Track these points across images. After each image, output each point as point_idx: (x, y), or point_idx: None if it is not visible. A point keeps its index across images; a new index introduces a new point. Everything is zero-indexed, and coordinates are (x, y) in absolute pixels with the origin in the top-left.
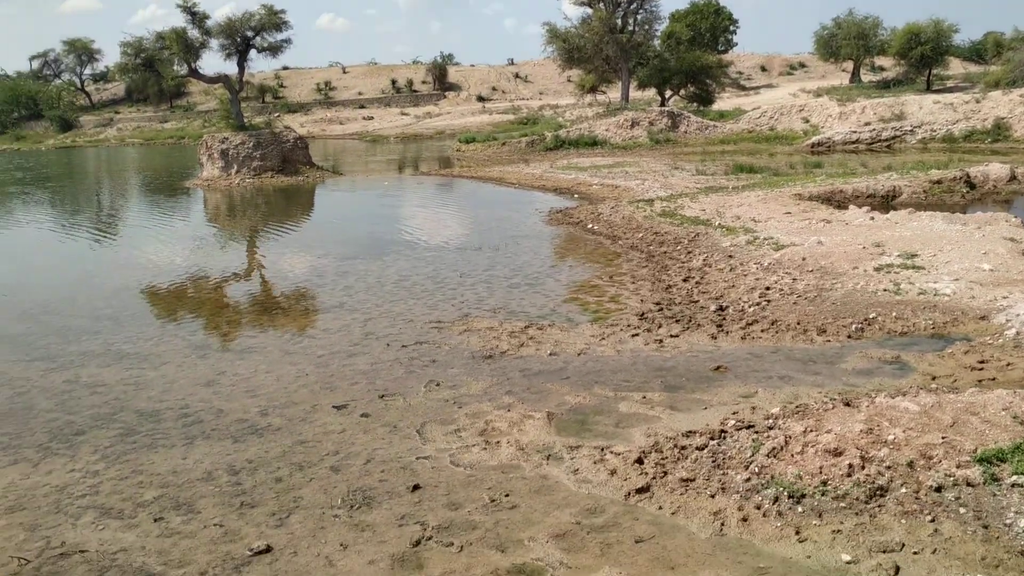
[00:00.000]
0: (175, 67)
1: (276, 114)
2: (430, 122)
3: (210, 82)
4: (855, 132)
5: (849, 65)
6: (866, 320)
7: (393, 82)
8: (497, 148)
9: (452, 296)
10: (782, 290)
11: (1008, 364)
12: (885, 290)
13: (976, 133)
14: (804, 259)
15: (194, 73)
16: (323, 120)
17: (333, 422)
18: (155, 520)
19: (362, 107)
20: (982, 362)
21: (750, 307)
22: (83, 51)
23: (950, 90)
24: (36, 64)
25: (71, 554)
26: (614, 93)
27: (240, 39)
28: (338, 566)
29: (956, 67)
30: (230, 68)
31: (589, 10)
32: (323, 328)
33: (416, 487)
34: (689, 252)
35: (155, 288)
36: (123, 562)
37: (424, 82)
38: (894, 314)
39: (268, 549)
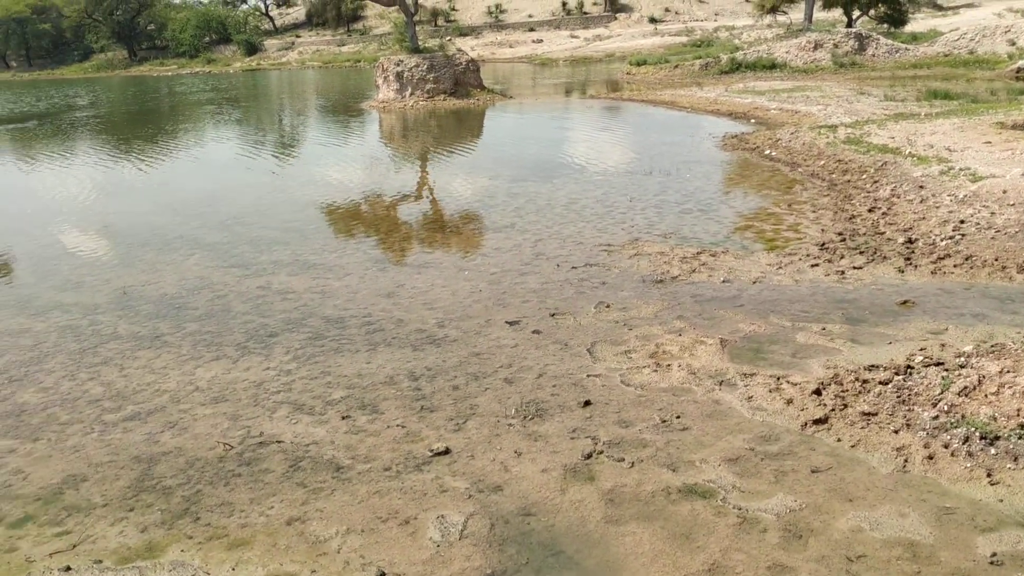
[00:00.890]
0: None
1: (448, 37)
2: (600, 45)
3: (386, 4)
4: None
5: None
6: None
7: (563, 3)
8: (669, 71)
9: (622, 220)
10: (978, 224)
11: None
12: None
13: None
14: (1005, 192)
15: None
16: (492, 43)
17: (506, 336)
18: (343, 418)
19: (531, 30)
20: None
21: (942, 241)
22: None
23: None
24: None
25: (269, 443)
26: (796, 13)
27: None
28: (512, 471)
29: None
30: None
31: None
32: (495, 247)
33: (587, 403)
34: (875, 181)
35: (336, 204)
36: (315, 454)
37: (595, 3)
38: None
39: (447, 451)
